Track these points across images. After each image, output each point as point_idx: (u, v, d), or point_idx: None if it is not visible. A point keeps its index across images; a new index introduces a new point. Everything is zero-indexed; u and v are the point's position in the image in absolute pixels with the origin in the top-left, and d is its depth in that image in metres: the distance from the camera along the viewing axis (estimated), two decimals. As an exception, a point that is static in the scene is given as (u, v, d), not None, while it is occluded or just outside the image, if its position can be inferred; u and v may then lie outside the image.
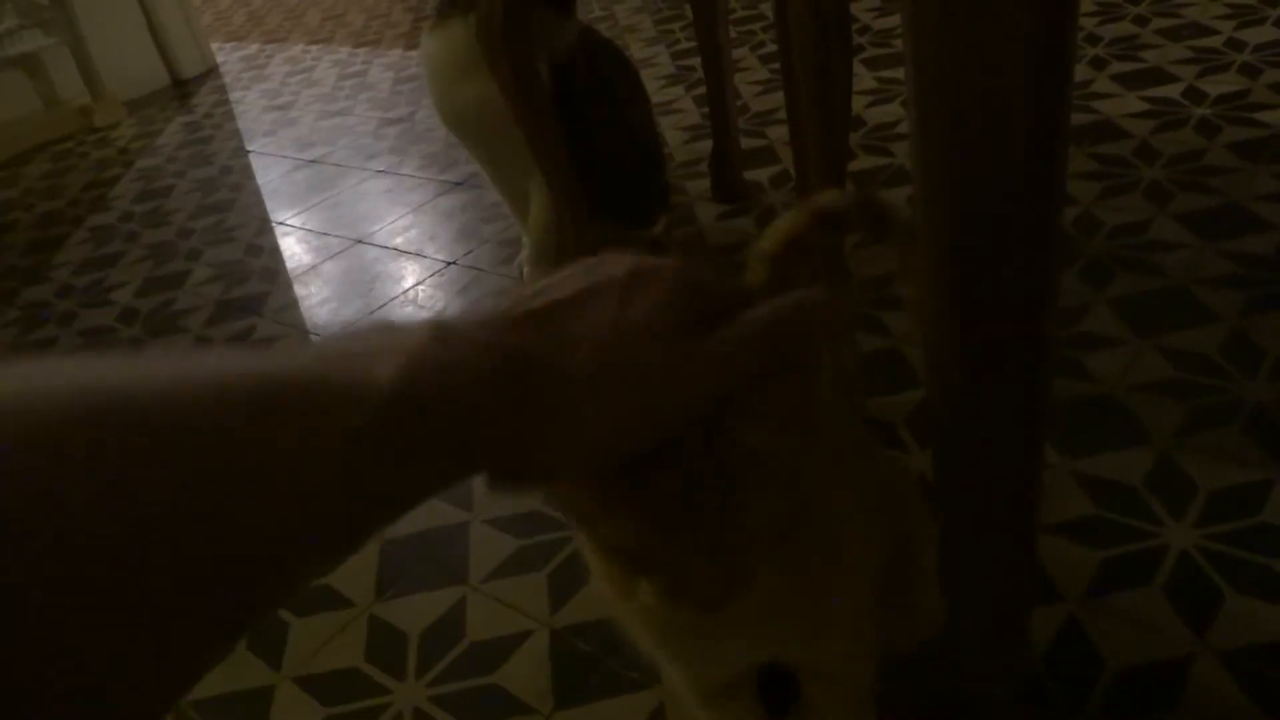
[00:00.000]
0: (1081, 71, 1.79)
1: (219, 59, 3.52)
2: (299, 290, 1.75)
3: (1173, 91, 1.66)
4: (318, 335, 1.57)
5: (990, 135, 0.52)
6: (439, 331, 0.34)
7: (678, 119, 2.06)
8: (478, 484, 0.44)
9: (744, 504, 0.42)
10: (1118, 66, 1.79)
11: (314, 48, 3.41)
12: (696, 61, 1.89)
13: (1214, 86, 1.64)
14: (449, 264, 1.71)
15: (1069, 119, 0.54)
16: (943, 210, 0.58)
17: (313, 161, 2.37)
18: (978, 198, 0.55)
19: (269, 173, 2.37)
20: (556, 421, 0.35)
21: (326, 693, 0.91)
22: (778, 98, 1.97)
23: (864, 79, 1.99)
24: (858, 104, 1.88)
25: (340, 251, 1.86)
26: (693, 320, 0.38)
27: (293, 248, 1.94)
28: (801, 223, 0.74)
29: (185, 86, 3.31)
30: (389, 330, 0.34)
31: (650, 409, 0.37)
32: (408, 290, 1.66)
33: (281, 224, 2.06)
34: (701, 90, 1.92)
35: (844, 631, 0.62)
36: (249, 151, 2.56)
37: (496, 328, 0.36)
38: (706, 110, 1.69)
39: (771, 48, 2.22)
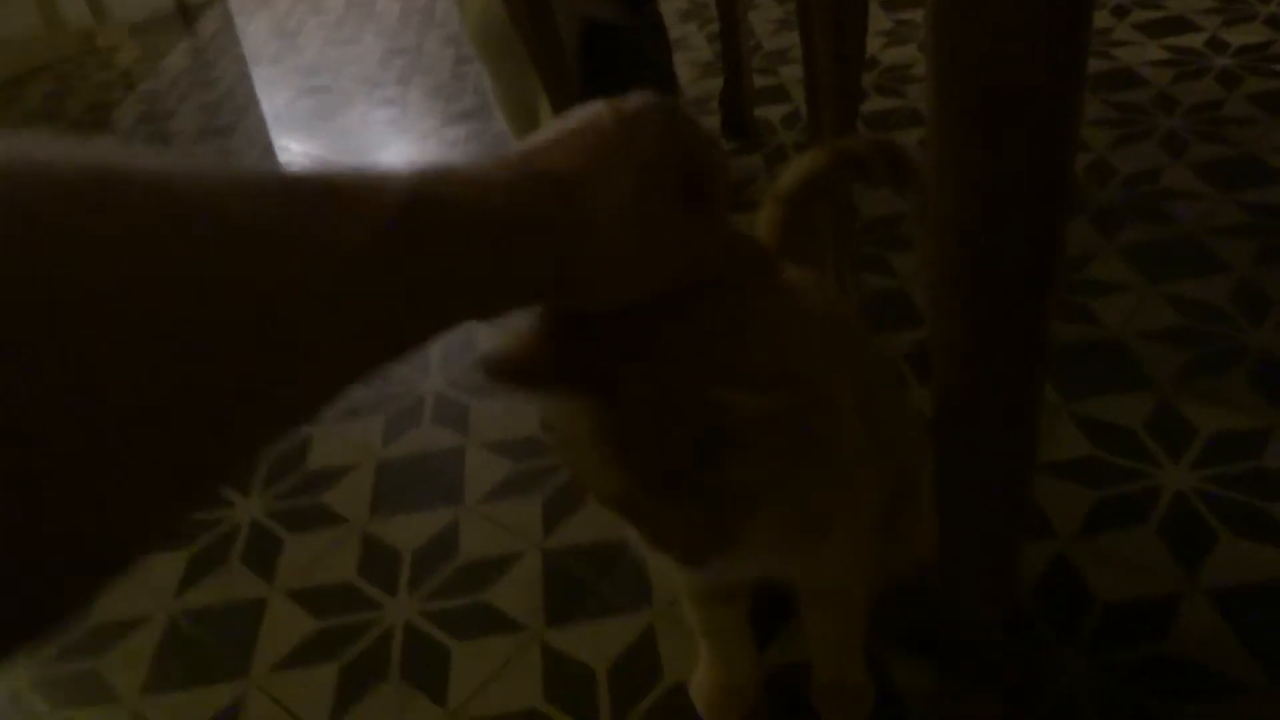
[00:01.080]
0: (1102, 19, 1.76)
1: (225, -16, 3.47)
2: (301, 216, 1.74)
3: (1195, 41, 1.63)
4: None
5: (1006, 79, 0.51)
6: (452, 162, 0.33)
7: (690, 55, 2.02)
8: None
9: (729, 469, 0.41)
10: (1139, 14, 1.76)
11: (322, -25, 3.35)
12: (710, -4, 1.86)
13: (1237, 37, 1.61)
14: (453, 194, 1.69)
15: (1085, 63, 0.53)
16: (954, 153, 0.57)
17: (318, 89, 2.34)
18: (989, 141, 0.54)
19: (273, 99, 2.34)
20: (588, 237, 0.35)
21: (319, 606, 0.92)
22: (791, 36, 1.94)
23: (880, 19, 1.95)
24: (873, 44, 1.85)
25: (343, 179, 1.84)
26: (675, 170, 0.38)
27: (296, 174, 1.92)
28: (821, 164, 0.74)
29: (190, 12, 3.26)
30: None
31: (662, 243, 0.38)
32: (410, 219, 1.64)
33: (286, 150, 2.04)
34: (714, 27, 1.88)
35: (842, 551, 0.62)
36: (254, 77, 2.53)
37: (507, 159, 0.35)
38: (719, 47, 1.66)
39: (787, -13, 2.18)
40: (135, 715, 0.84)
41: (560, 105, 1.33)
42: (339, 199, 0.28)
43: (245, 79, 2.53)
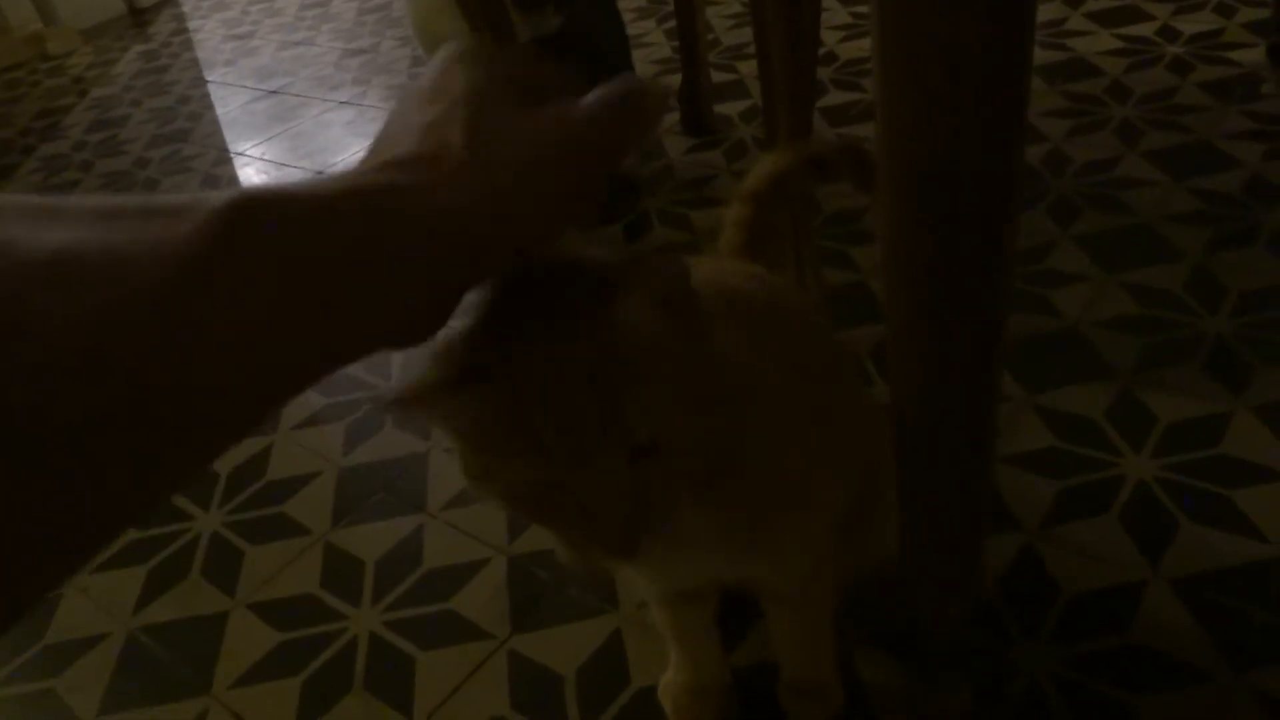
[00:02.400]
0: (1055, 9, 1.77)
1: (178, -13, 3.42)
2: (258, 221, 1.71)
3: (1147, 30, 1.64)
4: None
5: (949, 69, 0.51)
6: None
7: (648, 52, 2.02)
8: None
9: (627, 401, 0.40)
10: (1092, 4, 1.77)
11: (276, -24, 3.31)
12: (667, -7, 1.85)
13: (1189, 25, 1.63)
14: (412, 196, 1.67)
15: (1031, 49, 0.53)
16: (902, 142, 0.56)
17: (273, 92, 2.31)
18: (938, 129, 0.54)
19: (228, 103, 2.31)
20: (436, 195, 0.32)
21: (282, 618, 0.90)
22: (749, 31, 1.94)
23: (838, 13, 1.96)
24: (830, 39, 1.85)
25: (301, 183, 1.82)
26: (505, 84, 0.36)
27: (252, 179, 1.89)
28: (787, 165, 0.74)
29: (143, 15, 3.21)
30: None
31: (531, 175, 0.34)
32: (369, 222, 1.62)
33: (241, 154, 2.01)
34: (672, 23, 1.88)
35: (800, 557, 0.61)
36: (208, 81, 2.49)
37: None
38: (677, 44, 1.65)
39: (744, -18, 2.18)
40: (93, 737, 0.83)
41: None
42: (151, 222, 0.27)
43: (199, 83, 2.49)
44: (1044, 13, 1.76)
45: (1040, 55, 1.62)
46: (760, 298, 0.62)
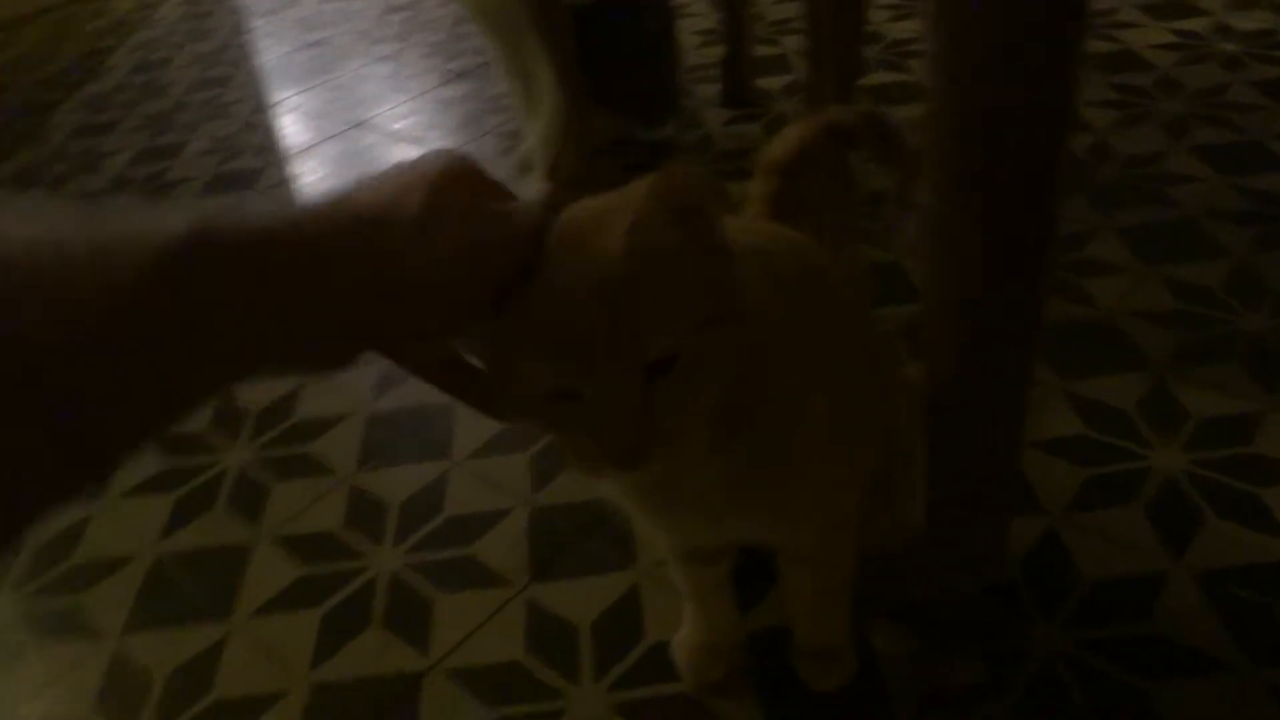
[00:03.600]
0: (1107, 0, 1.75)
1: (224, -65, 3.41)
2: (294, 168, 1.72)
3: (1200, 25, 1.62)
4: (312, 213, 1.54)
5: (1005, 53, 0.51)
6: (232, 208, 0.33)
7: (692, 22, 2.00)
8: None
9: (642, 312, 0.40)
10: (1145, -3, 1.75)
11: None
12: (716, -37, 1.84)
13: (1244, 22, 1.60)
14: (449, 152, 1.67)
15: (1084, 38, 0.53)
16: (955, 128, 0.56)
17: (315, 43, 2.31)
18: (988, 116, 0.54)
19: (270, 52, 2.32)
20: (394, 256, 0.36)
21: (304, 553, 0.91)
22: (794, 6, 1.92)
23: (886, -6, 1.94)
24: (877, 18, 1.83)
25: (338, 134, 1.82)
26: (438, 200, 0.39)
27: (290, 127, 1.90)
28: (810, 135, 0.73)
29: (188, -40, 3.21)
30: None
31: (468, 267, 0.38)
32: (406, 175, 1.62)
33: (280, 103, 2.01)
34: (719, -6, 1.86)
35: (822, 513, 0.61)
36: (250, 29, 2.50)
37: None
38: (722, 15, 1.64)
39: (793, -43, 2.16)
40: (116, 653, 0.84)
41: (562, 71, 1.32)
42: (107, 249, 0.28)
43: (241, 31, 2.50)
44: (1095, 2, 1.74)
45: (1089, 45, 1.60)
46: (788, 253, 0.61)
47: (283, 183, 1.67)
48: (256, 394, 1.13)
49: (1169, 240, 1.14)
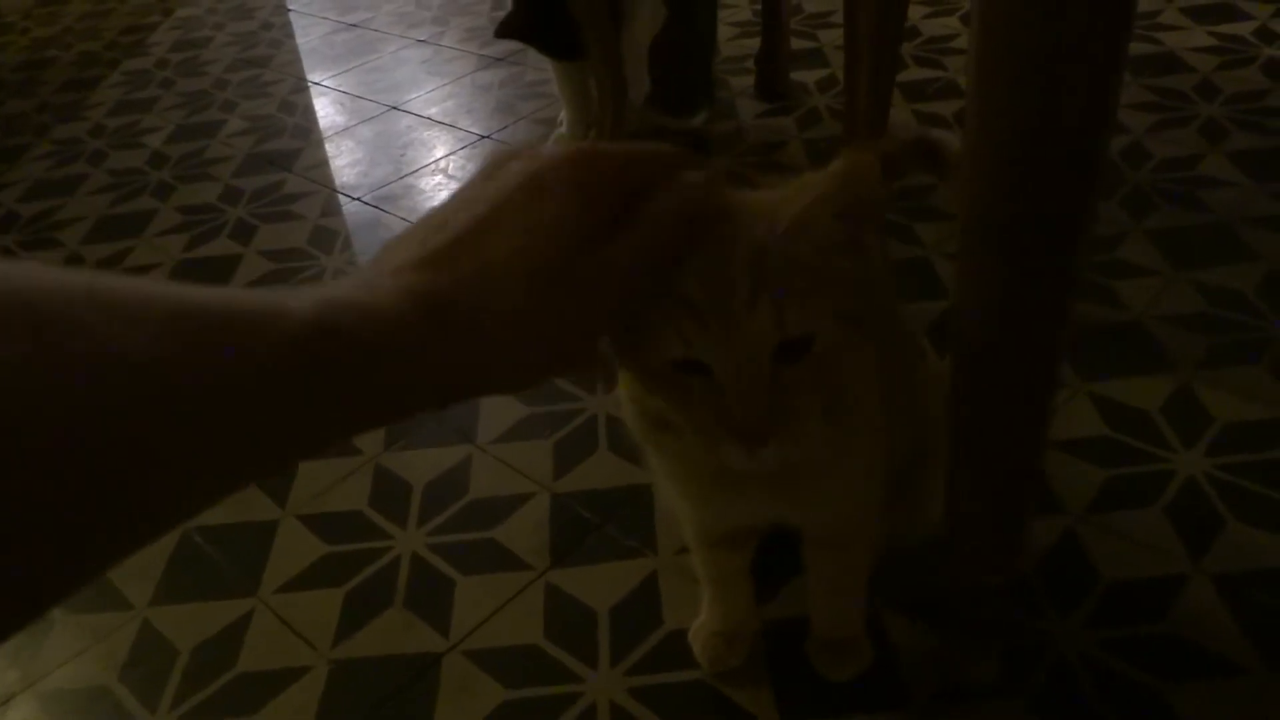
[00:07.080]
0: (1151, 2, 1.73)
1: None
2: (330, 150, 1.74)
3: (1243, 29, 1.60)
4: (346, 195, 1.56)
5: (1048, 54, 0.51)
6: (349, 282, 0.34)
7: (729, 14, 2.00)
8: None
9: (786, 289, 0.41)
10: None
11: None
12: (754, -46, 1.84)
13: (1287, 28, 1.59)
14: (483, 137, 1.68)
15: (1129, 40, 0.53)
16: (992, 127, 0.56)
17: (353, 25, 2.33)
18: (1029, 115, 0.54)
19: (309, 33, 2.34)
20: (479, 352, 0.36)
21: (329, 531, 0.93)
22: (833, 1, 1.92)
23: (924, -10, 1.93)
24: (915, 14, 1.82)
25: (374, 116, 1.84)
26: (596, 218, 0.38)
27: (327, 108, 1.92)
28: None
29: (230, -60, 3.24)
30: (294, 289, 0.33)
31: (570, 324, 0.38)
32: (439, 160, 1.64)
33: (318, 84, 2.03)
34: (756, -14, 1.86)
35: (855, 497, 0.62)
36: (290, 10, 2.52)
37: (405, 272, 0.36)
38: (759, 7, 1.64)
39: (832, -50, 2.15)
40: (145, 623, 0.86)
41: (605, 57, 1.33)
42: (234, 328, 0.29)
43: (281, 11, 2.52)
44: (1139, 5, 1.72)
45: (1129, 47, 1.58)
46: None
47: (318, 165, 1.69)
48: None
49: (1201, 244, 1.13)
